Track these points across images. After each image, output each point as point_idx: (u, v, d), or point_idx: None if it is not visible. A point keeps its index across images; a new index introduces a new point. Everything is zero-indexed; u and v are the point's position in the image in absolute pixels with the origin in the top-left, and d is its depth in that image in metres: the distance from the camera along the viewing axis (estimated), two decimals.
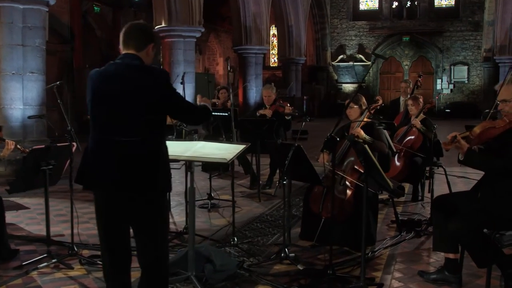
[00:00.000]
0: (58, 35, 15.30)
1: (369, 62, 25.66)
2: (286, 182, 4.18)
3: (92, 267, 4.07)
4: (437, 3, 25.23)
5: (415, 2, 25.08)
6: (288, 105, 7.24)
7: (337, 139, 3.74)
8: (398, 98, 8.52)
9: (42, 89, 8.41)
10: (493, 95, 4.24)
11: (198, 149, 3.52)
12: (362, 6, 26.45)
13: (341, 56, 25.98)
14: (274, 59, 27.51)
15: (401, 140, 6.45)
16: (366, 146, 3.37)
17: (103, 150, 2.75)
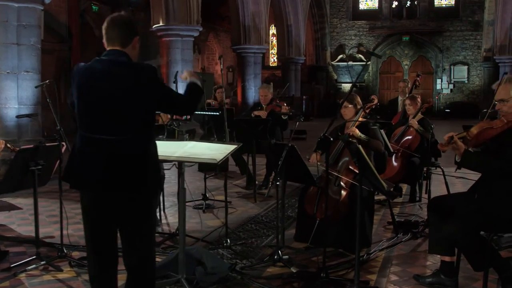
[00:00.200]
0: (56, 34, 15.23)
1: (369, 62, 25.57)
2: (279, 183, 4.11)
3: (81, 269, 3.99)
4: (437, 3, 25.13)
5: (415, 2, 24.99)
6: (284, 104, 7.17)
7: (330, 139, 3.67)
8: (397, 97, 8.47)
9: (37, 88, 8.34)
10: (492, 95, 4.17)
11: (189, 149, 3.44)
12: (362, 6, 26.35)
13: (340, 55, 25.88)
14: (273, 59, 27.42)
15: (398, 140, 6.38)
16: (359, 146, 3.30)
17: (91, 148, 2.68)
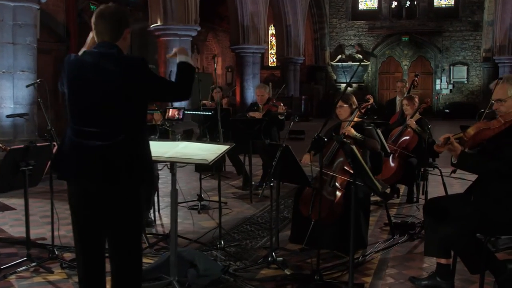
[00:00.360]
0: (53, 34, 15.16)
1: (368, 62, 25.53)
2: (273, 184, 4.05)
3: (73, 271, 3.92)
4: (436, 3, 25.08)
5: (415, 2, 24.93)
6: (281, 104, 7.11)
7: (324, 140, 3.61)
8: (395, 98, 8.41)
9: (33, 88, 8.28)
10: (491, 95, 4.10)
11: (180, 149, 3.39)
12: (361, 6, 26.29)
13: (340, 56, 25.82)
14: (273, 59, 27.37)
15: (395, 140, 6.33)
16: (353, 147, 3.24)
17: (80, 140, 2.62)
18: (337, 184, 4.35)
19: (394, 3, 25.30)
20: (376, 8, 25.85)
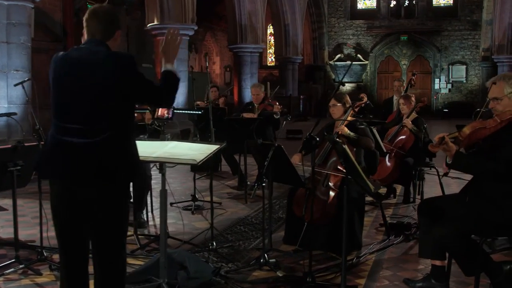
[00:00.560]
0: (50, 33, 15.09)
1: (367, 62, 25.47)
2: (265, 184, 3.99)
3: None
4: (435, 2, 25.03)
5: (413, 1, 24.87)
6: (277, 103, 7.05)
7: (316, 139, 3.54)
8: (392, 97, 8.34)
9: (27, 87, 8.20)
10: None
11: (169, 149, 3.32)
12: (360, 5, 26.23)
13: (338, 55, 25.75)
14: (271, 58, 27.30)
15: (392, 140, 6.26)
16: (345, 146, 3.17)
17: (63, 137, 2.56)
18: (330, 184, 4.29)
19: (393, 3, 25.25)
20: (374, 7, 25.80)
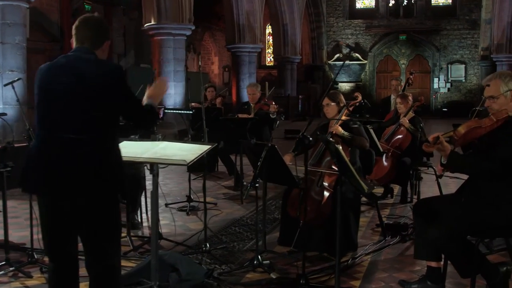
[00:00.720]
0: (47, 33, 15.06)
1: (366, 61, 25.41)
2: (258, 185, 3.93)
3: None
4: (434, 2, 24.99)
5: (412, 1, 24.83)
6: (273, 103, 6.99)
7: (309, 139, 3.49)
8: (389, 96, 8.30)
9: (22, 87, 8.16)
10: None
11: (159, 150, 3.26)
12: (359, 5, 26.18)
13: (337, 55, 25.69)
14: (270, 58, 27.25)
15: (389, 139, 6.21)
16: (338, 146, 3.12)
17: (48, 148, 2.52)
18: (325, 184, 4.23)
19: (392, 2, 25.21)
20: (373, 6, 25.75)
